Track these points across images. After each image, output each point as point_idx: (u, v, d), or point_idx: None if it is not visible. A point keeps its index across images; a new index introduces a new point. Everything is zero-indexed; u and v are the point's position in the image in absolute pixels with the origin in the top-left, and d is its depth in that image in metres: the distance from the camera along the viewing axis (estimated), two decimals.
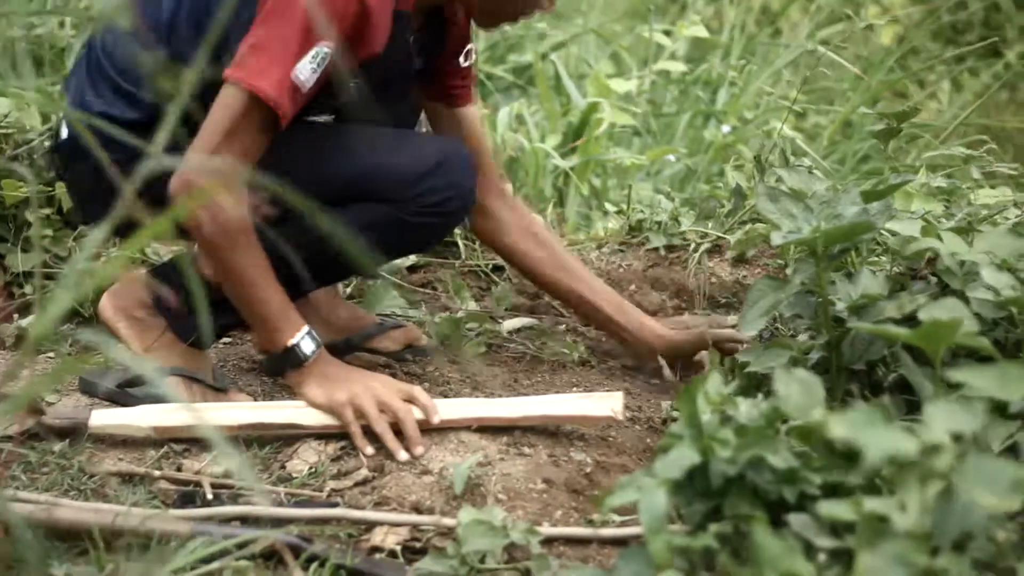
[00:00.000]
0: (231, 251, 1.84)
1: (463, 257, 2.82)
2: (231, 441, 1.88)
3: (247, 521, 1.64)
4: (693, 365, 2.24)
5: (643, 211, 3.02)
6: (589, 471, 1.84)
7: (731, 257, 2.79)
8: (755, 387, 1.90)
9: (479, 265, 2.80)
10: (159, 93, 1.92)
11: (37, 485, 1.74)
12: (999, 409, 1.57)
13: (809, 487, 1.32)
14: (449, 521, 1.62)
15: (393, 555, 1.59)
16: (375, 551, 1.60)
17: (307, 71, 1.83)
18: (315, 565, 1.53)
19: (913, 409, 1.76)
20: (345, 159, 2.00)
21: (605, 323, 2.30)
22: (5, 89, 2.77)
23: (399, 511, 1.70)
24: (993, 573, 1.26)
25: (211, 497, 1.73)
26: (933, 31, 5.99)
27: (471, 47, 2.23)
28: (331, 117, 2.09)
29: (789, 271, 2.05)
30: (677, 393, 1.62)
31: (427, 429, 1.87)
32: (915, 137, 3.92)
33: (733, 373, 2.01)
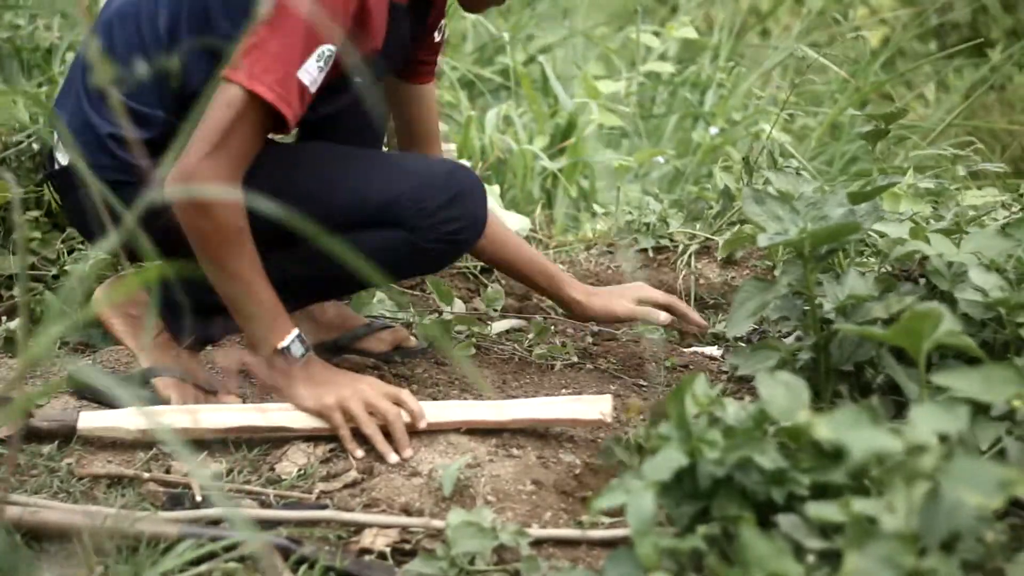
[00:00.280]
0: (225, 250, 1.81)
1: None
2: (220, 443, 1.88)
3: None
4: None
5: (631, 212, 3.03)
6: (578, 473, 1.84)
7: (719, 258, 2.80)
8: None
9: (468, 267, 2.80)
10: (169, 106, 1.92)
11: (26, 487, 1.73)
12: (984, 410, 1.57)
13: (797, 488, 1.32)
14: (438, 523, 1.62)
15: (382, 557, 1.59)
16: (364, 553, 1.60)
17: (314, 71, 1.81)
18: (304, 567, 1.53)
19: (902, 410, 1.77)
20: (363, 186, 1.99)
21: (542, 293, 2.32)
22: None
23: (388, 513, 1.70)
24: (981, 573, 1.27)
25: (200, 499, 1.73)
26: (920, 33, 6.02)
27: (443, 22, 2.25)
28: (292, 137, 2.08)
29: (777, 272, 2.05)
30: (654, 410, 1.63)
31: (416, 431, 1.87)
32: (903, 138, 3.94)
33: None
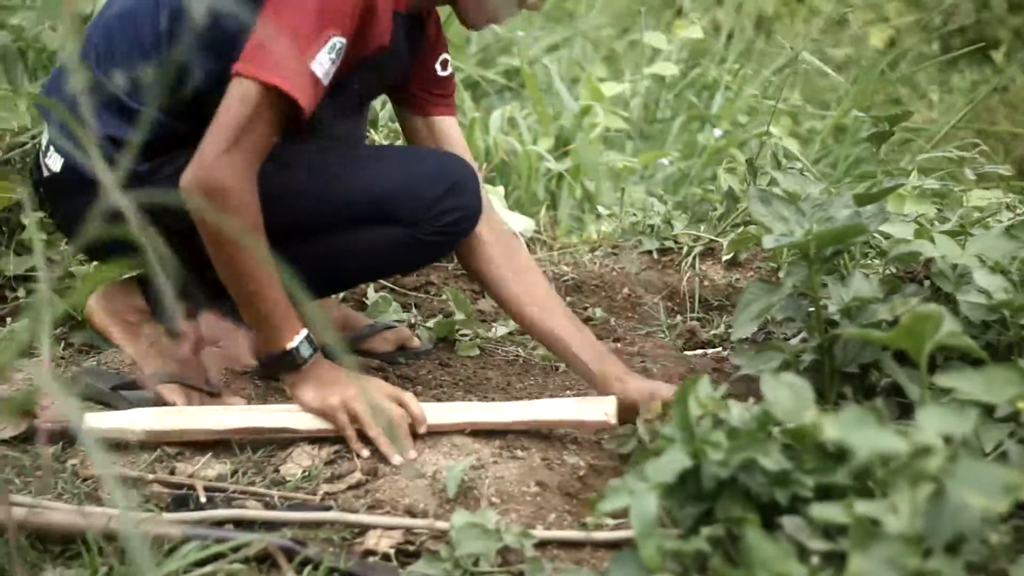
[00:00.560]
0: (239, 250, 1.80)
1: (455, 260, 2.82)
2: (225, 444, 1.88)
3: (240, 524, 1.64)
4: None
5: (636, 214, 3.03)
6: (582, 474, 1.84)
7: (724, 260, 2.80)
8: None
9: None
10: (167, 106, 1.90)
11: (30, 489, 1.74)
12: (988, 412, 1.57)
13: (801, 490, 1.32)
14: (443, 524, 1.62)
15: (387, 558, 1.59)
16: (369, 554, 1.60)
17: (326, 63, 1.79)
18: (308, 568, 1.53)
19: (907, 412, 1.77)
20: (361, 183, 1.99)
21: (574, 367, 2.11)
22: None
23: (392, 514, 1.70)
24: (985, 575, 1.27)
25: (204, 500, 1.73)
26: (924, 36, 6.01)
27: (446, 57, 2.21)
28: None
29: (782, 274, 2.05)
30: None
31: (420, 433, 1.87)
32: (907, 140, 3.94)
33: None
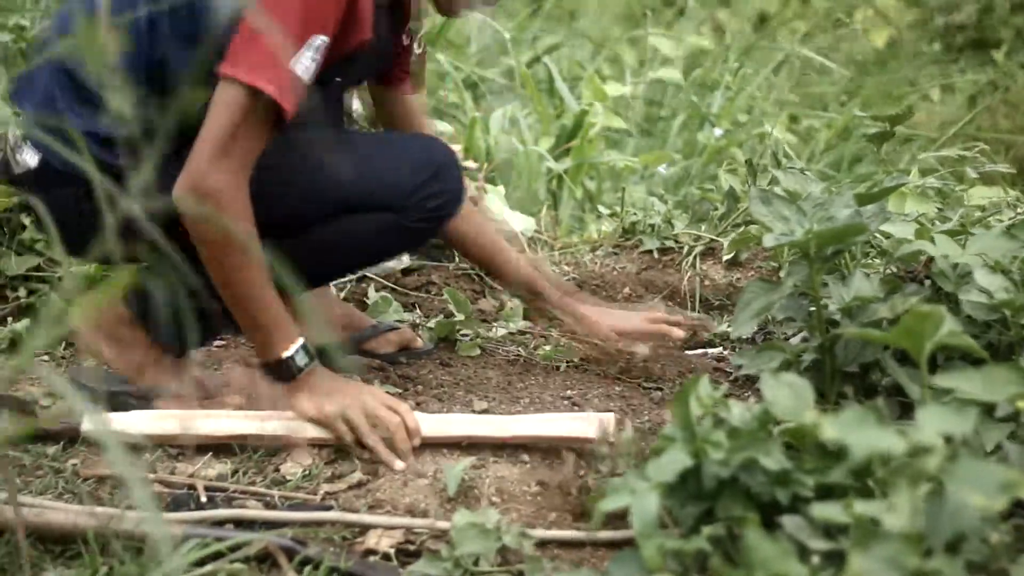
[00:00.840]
0: (235, 257, 1.78)
1: (456, 260, 2.83)
2: (225, 444, 1.88)
3: (241, 524, 1.64)
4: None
5: (636, 214, 3.03)
6: (583, 474, 1.84)
7: (724, 260, 2.80)
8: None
9: (472, 268, 2.80)
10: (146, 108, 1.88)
11: (31, 488, 1.74)
12: (988, 411, 1.57)
13: (802, 489, 1.32)
14: (443, 524, 1.62)
15: (387, 558, 1.59)
16: (369, 554, 1.60)
17: (308, 62, 1.77)
18: (309, 568, 1.53)
19: (908, 412, 1.77)
20: (346, 173, 1.97)
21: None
22: None
23: (393, 514, 1.70)
24: (986, 575, 1.26)
25: (204, 500, 1.73)
26: (925, 35, 6.01)
27: (419, 34, 2.22)
28: None
29: (782, 274, 2.05)
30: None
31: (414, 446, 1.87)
32: (908, 140, 3.94)
33: None
